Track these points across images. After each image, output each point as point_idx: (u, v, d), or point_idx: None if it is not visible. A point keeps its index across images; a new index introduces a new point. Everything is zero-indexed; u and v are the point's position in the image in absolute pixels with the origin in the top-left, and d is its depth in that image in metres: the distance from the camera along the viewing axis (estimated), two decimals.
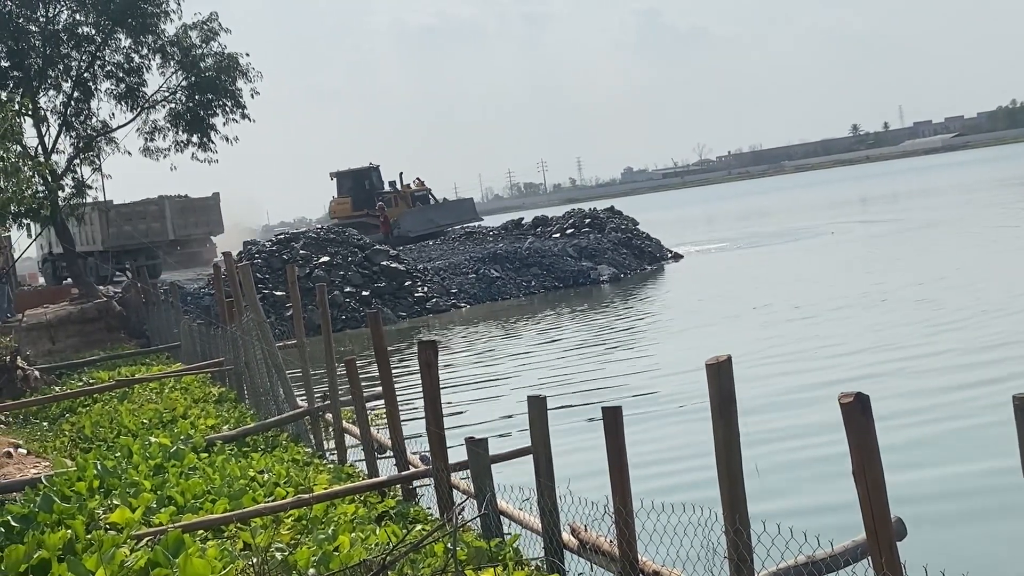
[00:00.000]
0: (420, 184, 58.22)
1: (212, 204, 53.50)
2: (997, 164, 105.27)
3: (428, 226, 52.36)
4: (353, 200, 57.03)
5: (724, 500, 5.15)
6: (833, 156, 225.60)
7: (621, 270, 40.59)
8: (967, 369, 15.87)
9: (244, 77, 35.76)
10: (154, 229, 46.17)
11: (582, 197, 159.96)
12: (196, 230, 52.05)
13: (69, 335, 29.63)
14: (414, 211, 54.76)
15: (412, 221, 52.94)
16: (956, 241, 36.79)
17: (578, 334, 26.09)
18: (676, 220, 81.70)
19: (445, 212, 55.82)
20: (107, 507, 8.97)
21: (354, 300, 34.67)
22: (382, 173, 58.90)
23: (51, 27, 34.72)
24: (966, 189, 67.70)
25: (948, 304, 22.33)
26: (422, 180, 58.59)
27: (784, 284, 31.02)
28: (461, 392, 19.18)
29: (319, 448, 12.88)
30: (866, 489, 4.24)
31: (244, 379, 16.21)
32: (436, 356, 8.66)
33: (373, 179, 58.20)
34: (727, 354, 5.12)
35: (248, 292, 14.37)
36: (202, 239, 51.53)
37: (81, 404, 17.47)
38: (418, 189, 57.59)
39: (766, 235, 53.00)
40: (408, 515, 8.73)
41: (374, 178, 58.27)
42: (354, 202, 56.85)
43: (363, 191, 57.15)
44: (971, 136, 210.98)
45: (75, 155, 35.73)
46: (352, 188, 57.90)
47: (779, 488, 10.77)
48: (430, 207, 56.34)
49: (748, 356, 17.96)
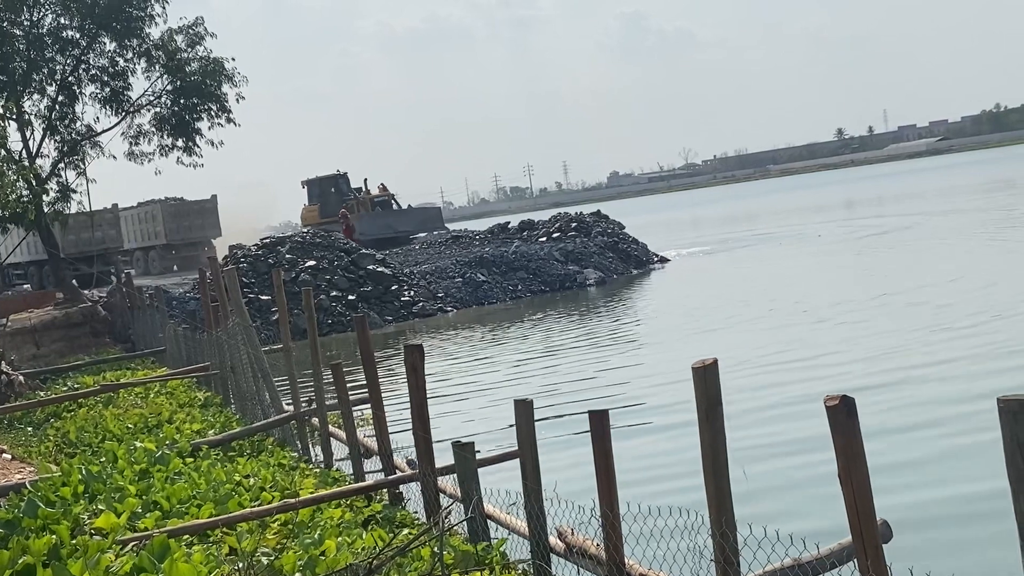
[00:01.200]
0: (383, 189, 58.48)
1: (209, 207, 53.36)
2: (982, 167, 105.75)
3: (385, 231, 52.18)
4: (321, 207, 57.48)
5: (710, 503, 5.15)
6: (818, 160, 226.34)
7: (607, 274, 40.63)
8: (958, 379, 15.91)
9: (229, 81, 35.76)
10: (110, 236, 46.28)
11: (568, 201, 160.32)
12: (191, 234, 52.04)
13: (54, 340, 29.52)
14: (372, 215, 54.82)
15: (367, 225, 52.83)
16: (942, 245, 36.92)
17: (565, 338, 26.11)
18: (662, 224, 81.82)
19: (406, 219, 55.51)
20: (92, 512, 8.93)
21: (340, 304, 34.61)
22: (350, 180, 59.33)
23: (35, 31, 34.65)
24: (950, 192, 67.96)
25: (937, 309, 22.41)
26: (385, 186, 58.92)
27: (771, 288, 31.08)
28: (448, 396, 19.16)
29: (305, 452, 12.86)
30: (852, 491, 4.25)
31: (230, 383, 16.16)
32: (422, 360, 8.66)
33: (340, 186, 58.70)
34: (713, 357, 5.13)
35: (234, 296, 14.34)
36: (199, 242, 51.21)
37: (66, 409, 17.39)
38: (379, 195, 57.80)
39: (752, 238, 53.13)
40: (395, 519, 8.72)
41: (341, 185, 58.76)
42: (322, 209, 57.26)
43: (331, 198, 57.58)
44: (955, 140, 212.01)
45: (59, 159, 35.64)
46: (320, 195, 58.49)
47: (766, 491, 10.79)
48: (389, 212, 56.19)
49: (738, 360, 18.00)
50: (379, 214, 55.43)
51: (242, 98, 36.17)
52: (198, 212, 53.01)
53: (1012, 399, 3.56)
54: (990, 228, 39.73)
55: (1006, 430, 3.56)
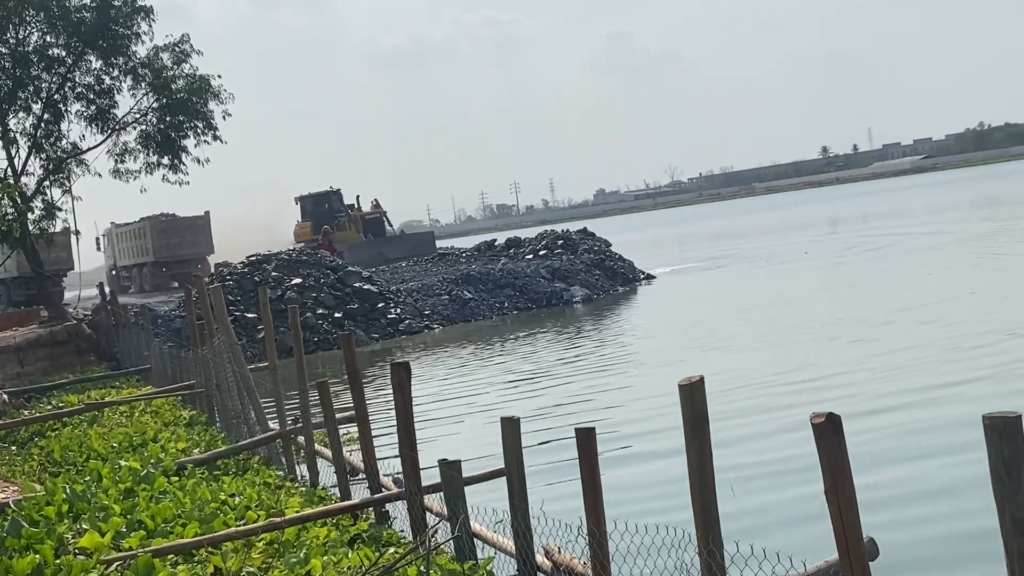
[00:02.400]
0: (375, 206, 57.67)
1: (201, 223, 52.20)
2: (966, 185, 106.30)
3: (376, 260, 49.61)
4: (313, 224, 56.59)
5: (697, 520, 5.15)
6: (803, 177, 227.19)
7: (594, 291, 40.67)
8: (942, 401, 15.95)
9: (216, 99, 35.71)
10: (62, 258, 45.94)
11: (555, 219, 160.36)
12: (182, 251, 50.84)
13: (38, 358, 29.38)
14: (362, 245, 53.18)
15: (357, 254, 50.64)
16: (928, 261, 37.07)
17: (551, 355, 26.10)
18: (648, 241, 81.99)
19: (397, 246, 53.09)
20: (76, 531, 8.88)
21: (326, 322, 34.55)
22: (343, 196, 58.67)
23: (21, 49, 34.58)
24: (935, 210, 68.28)
25: (921, 330, 22.49)
26: (378, 202, 58.14)
27: (758, 306, 31.14)
28: (435, 414, 19.12)
29: (291, 471, 12.80)
30: (838, 509, 4.25)
31: (215, 402, 16.11)
32: (409, 378, 8.65)
33: (333, 202, 58.09)
34: (699, 375, 5.14)
35: (219, 314, 14.30)
36: (190, 259, 49.95)
37: (50, 428, 17.31)
38: (371, 212, 57.04)
39: (739, 256, 53.26)
40: (381, 538, 8.69)
41: (334, 201, 58.16)
42: (314, 226, 56.29)
43: (323, 215, 56.92)
44: (939, 158, 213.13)
45: (45, 177, 35.55)
46: (313, 212, 57.84)
47: (754, 508, 10.78)
48: (381, 241, 54.59)
49: (726, 378, 18.02)
50: (370, 242, 54.33)
51: (228, 115, 36.16)
52: (189, 228, 51.90)
53: (997, 416, 3.57)
54: (978, 246, 39.90)
55: (991, 447, 3.58)
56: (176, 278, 50.50)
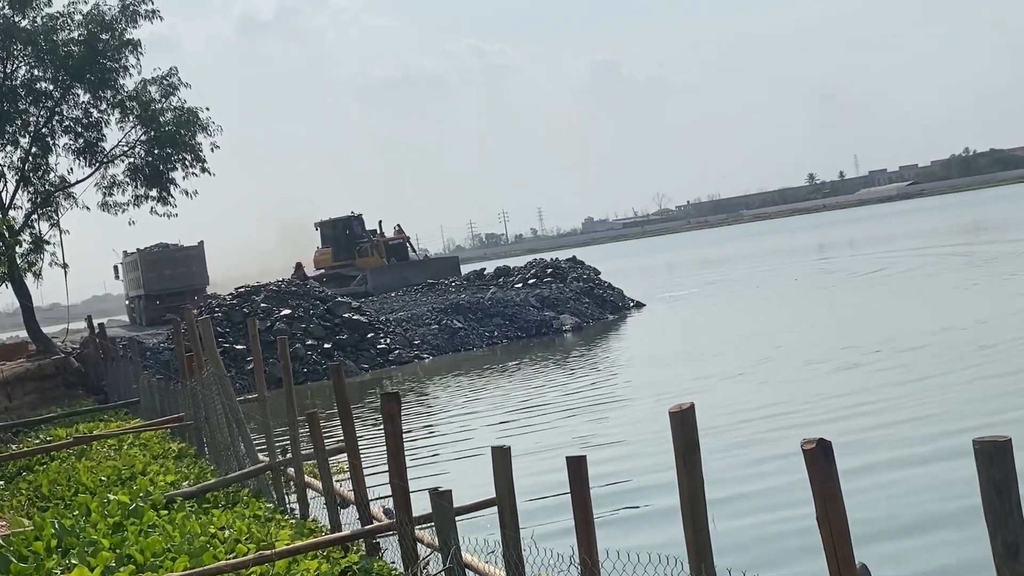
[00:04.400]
0: (398, 232, 56.14)
1: (195, 254, 49.65)
2: (952, 211, 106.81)
3: (400, 284, 49.10)
4: (334, 250, 55.26)
5: (689, 548, 5.13)
6: (790, 205, 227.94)
7: (583, 319, 40.69)
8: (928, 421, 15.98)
9: (204, 131, 35.79)
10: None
11: (544, 247, 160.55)
12: (173, 283, 48.31)
13: (26, 392, 29.24)
14: (384, 269, 52.24)
15: (380, 278, 50.33)
16: (914, 286, 37.20)
17: (542, 384, 26.07)
18: (637, 269, 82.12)
19: (421, 270, 51.59)
20: (65, 567, 8.81)
21: (316, 352, 34.49)
22: (364, 221, 56.78)
23: (9, 83, 34.62)
24: (921, 235, 68.58)
25: (912, 360, 22.53)
26: (401, 227, 56.58)
27: (747, 334, 31.17)
28: (425, 444, 19.07)
29: (281, 503, 12.73)
30: (830, 535, 4.25)
31: (204, 434, 16.03)
32: (399, 408, 8.62)
33: (354, 227, 56.23)
34: (690, 402, 5.13)
35: (208, 346, 14.25)
36: (183, 292, 47.04)
37: (38, 462, 17.19)
38: (394, 237, 55.48)
39: (727, 283, 53.36)
40: (372, 570, 8.64)
41: (355, 226, 56.30)
42: (335, 252, 55.10)
43: (344, 240, 55.35)
44: (925, 184, 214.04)
45: (33, 210, 35.52)
46: (333, 237, 56.03)
47: (747, 536, 10.76)
48: (404, 265, 53.24)
49: (714, 407, 18.01)
50: (393, 266, 52.75)
51: (217, 147, 36.22)
52: (182, 260, 49.09)
53: (987, 441, 3.58)
54: (968, 269, 40.06)
55: (982, 472, 3.58)
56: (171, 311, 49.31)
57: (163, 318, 47.77)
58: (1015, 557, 3.53)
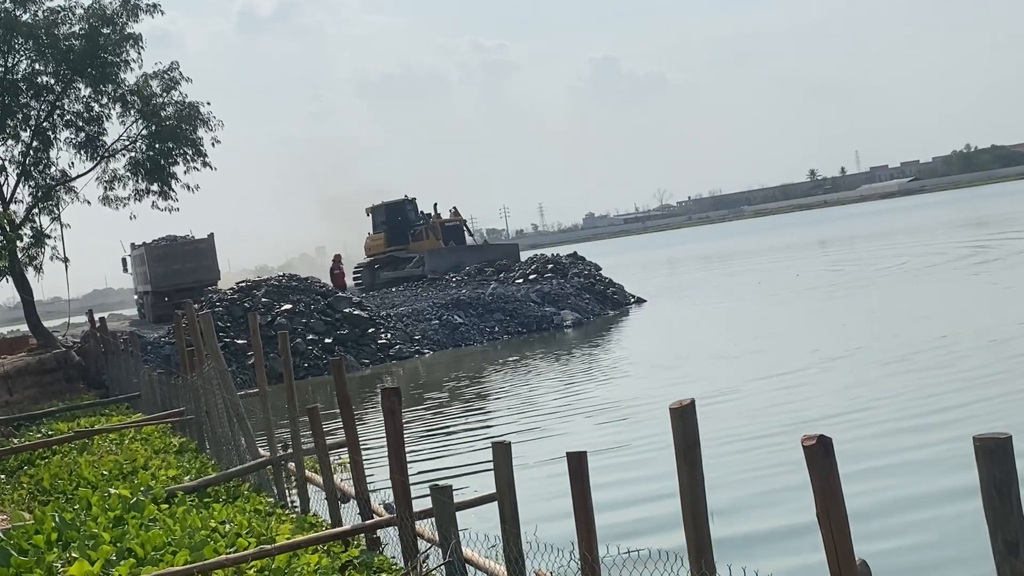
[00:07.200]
0: (455, 214, 54.48)
1: (203, 247, 47.14)
2: (953, 207, 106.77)
3: (455, 268, 47.89)
4: (387, 235, 53.52)
5: (690, 544, 5.13)
6: (792, 201, 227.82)
7: (584, 315, 40.67)
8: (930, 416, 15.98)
9: (205, 125, 35.78)
10: None
11: (545, 243, 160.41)
12: (182, 278, 45.61)
13: (27, 386, 29.24)
14: (441, 251, 50.76)
15: (436, 261, 48.83)
16: (916, 282, 37.19)
17: (543, 380, 26.07)
18: (638, 264, 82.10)
19: (477, 255, 50.16)
20: (66, 560, 8.82)
21: (317, 348, 34.49)
22: (418, 205, 54.84)
23: (10, 77, 34.60)
24: (922, 231, 68.55)
25: (915, 357, 22.54)
26: (457, 210, 54.82)
27: (749, 329, 31.18)
28: (426, 439, 19.08)
29: (282, 498, 12.75)
30: (830, 532, 4.25)
31: (205, 429, 16.05)
32: (399, 403, 8.62)
33: (407, 212, 54.38)
34: (690, 398, 5.13)
35: (209, 341, 14.26)
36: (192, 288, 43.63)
37: (40, 456, 17.21)
38: (451, 220, 53.83)
39: (729, 278, 53.34)
40: (372, 565, 8.65)
41: (409, 210, 54.48)
42: (388, 237, 53.41)
43: (397, 225, 53.61)
44: (927, 180, 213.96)
45: (34, 205, 35.52)
46: (386, 222, 54.22)
47: (747, 532, 10.77)
48: (461, 249, 51.57)
49: (716, 401, 18.02)
50: (451, 249, 51.06)
51: (218, 142, 36.21)
52: (190, 254, 46.48)
53: (988, 438, 3.58)
54: (970, 265, 40.05)
55: (982, 469, 3.58)
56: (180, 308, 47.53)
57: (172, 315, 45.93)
58: (1015, 554, 3.53)
